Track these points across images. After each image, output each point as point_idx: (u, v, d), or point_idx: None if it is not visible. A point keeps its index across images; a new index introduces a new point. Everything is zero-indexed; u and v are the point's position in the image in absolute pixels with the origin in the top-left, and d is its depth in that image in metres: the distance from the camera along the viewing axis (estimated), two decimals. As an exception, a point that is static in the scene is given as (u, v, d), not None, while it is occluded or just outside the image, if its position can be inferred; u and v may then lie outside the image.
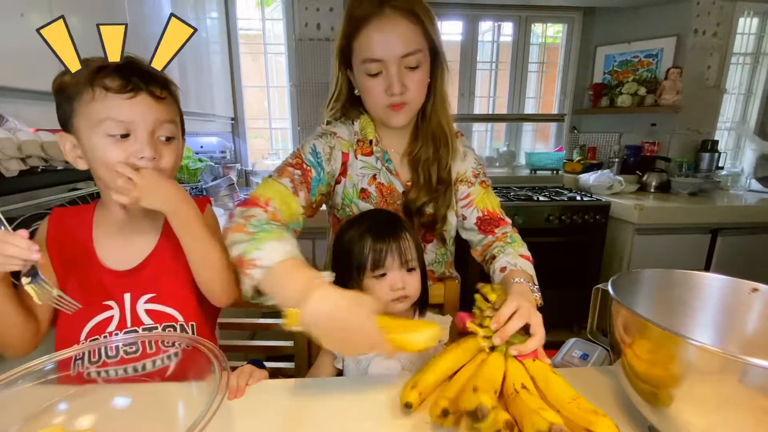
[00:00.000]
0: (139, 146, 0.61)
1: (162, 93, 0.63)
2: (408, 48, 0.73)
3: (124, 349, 0.63)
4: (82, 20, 1.02)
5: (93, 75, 0.58)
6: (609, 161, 2.63)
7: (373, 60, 0.74)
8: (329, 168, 0.84)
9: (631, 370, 0.51)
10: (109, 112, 0.59)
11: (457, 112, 2.69)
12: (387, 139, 0.89)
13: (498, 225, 0.91)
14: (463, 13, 2.56)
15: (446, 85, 0.84)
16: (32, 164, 0.88)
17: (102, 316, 0.67)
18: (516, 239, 0.88)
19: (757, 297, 0.57)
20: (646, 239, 2.09)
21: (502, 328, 0.60)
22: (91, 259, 0.68)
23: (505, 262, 0.80)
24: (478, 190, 0.90)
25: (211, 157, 2.21)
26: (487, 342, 0.61)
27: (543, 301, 0.74)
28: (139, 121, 0.60)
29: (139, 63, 0.62)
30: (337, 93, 0.87)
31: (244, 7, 2.34)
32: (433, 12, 0.77)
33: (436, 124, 0.85)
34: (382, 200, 0.89)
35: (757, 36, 2.55)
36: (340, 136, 0.86)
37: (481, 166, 0.94)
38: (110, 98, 0.59)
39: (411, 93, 0.77)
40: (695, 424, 0.45)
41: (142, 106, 0.60)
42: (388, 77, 0.74)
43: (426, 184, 0.86)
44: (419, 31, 0.74)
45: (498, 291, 0.65)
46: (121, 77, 0.59)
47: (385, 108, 0.78)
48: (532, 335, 0.61)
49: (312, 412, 0.60)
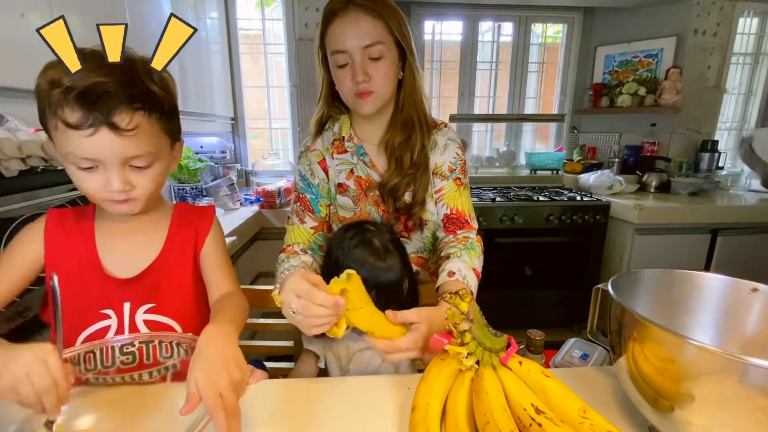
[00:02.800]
0: (108, 177, 0.57)
1: (130, 123, 0.55)
2: (369, 39, 0.79)
3: (121, 359, 0.61)
4: (82, 20, 1.02)
5: (56, 101, 0.53)
6: (609, 161, 2.63)
7: (339, 51, 0.81)
8: (317, 181, 0.94)
9: (631, 370, 0.51)
10: (69, 147, 0.54)
11: (457, 112, 2.69)
12: (363, 132, 0.93)
13: (462, 227, 0.90)
14: (463, 13, 2.56)
15: (418, 77, 0.90)
16: (32, 164, 0.88)
17: (99, 324, 0.64)
18: (475, 248, 0.86)
19: (757, 297, 0.57)
20: (646, 239, 2.09)
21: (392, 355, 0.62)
22: (94, 265, 0.65)
23: (456, 268, 0.79)
24: (450, 186, 0.91)
25: (211, 157, 2.21)
26: (472, 359, 0.56)
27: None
28: (103, 157, 0.55)
29: (108, 84, 0.53)
30: (322, 91, 0.92)
31: (244, 7, 2.34)
32: (400, 13, 0.84)
33: (407, 113, 0.89)
34: (360, 192, 0.92)
35: (757, 36, 2.55)
36: (314, 149, 0.95)
37: (462, 163, 0.93)
38: (70, 133, 0.53)
39: (375, 82, 0.82)
40: (695, 424, 0.45)
41: (103, 144, 0.54)
42: (353, 67, 0.81)
43: (397, 167, 0.88)
44: (381, 25, 0.80)
45: (467, 297, 0.58)
46: (82, 108, 0.52)
47: (353, 97, 0.84)
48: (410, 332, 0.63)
49: (312, 412, 0.60)
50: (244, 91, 2.41)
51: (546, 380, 0.53)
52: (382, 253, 0.75)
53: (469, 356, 0.56)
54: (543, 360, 0.79)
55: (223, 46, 2.21)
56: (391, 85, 0.85)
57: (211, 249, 0.72)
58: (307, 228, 0.92)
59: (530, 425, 0.48)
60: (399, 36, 0.83)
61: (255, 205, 1.97)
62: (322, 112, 0.95)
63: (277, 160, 2.46)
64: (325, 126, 0.96)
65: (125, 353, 0.62)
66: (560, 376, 0.54)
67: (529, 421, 0.48)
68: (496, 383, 0.53)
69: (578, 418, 0.48)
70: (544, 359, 0.80)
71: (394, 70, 0.85)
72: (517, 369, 0.55)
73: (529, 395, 0.51)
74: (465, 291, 0.57)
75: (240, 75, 2.37)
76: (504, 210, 2.11)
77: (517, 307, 2.25)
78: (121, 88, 0.54)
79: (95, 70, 0.53)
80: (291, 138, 2.54)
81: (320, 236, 0.94)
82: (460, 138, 0.96)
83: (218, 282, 0.71)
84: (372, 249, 0.75)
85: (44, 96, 0.54)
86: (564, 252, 2.21)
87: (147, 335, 0.65)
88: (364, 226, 0.81)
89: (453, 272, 0.78)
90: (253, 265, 1.84)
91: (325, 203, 0.95)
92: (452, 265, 0.80)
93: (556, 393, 0.52)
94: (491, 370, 0.55)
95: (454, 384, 0.57)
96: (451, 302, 0.57)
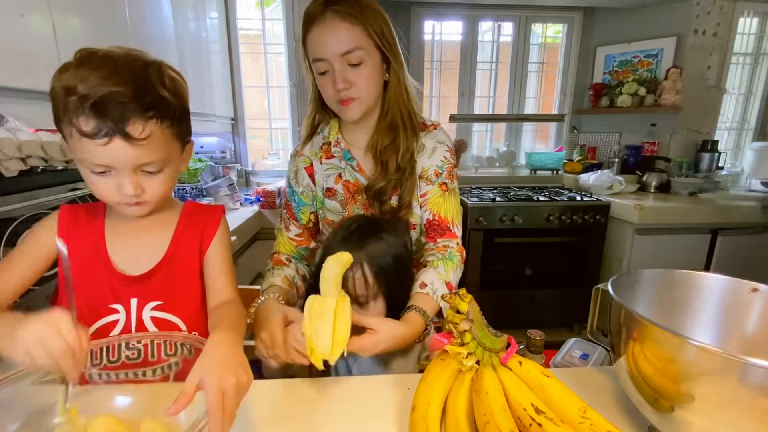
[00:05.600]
0: (120, 182, 0.59)
1: (143, 132, 0.56)
2: (347, 46, 0.77)
3: (126, 354, 0.62)
4: (82, 20, 1.03)
5: (71, 109, 0.54)
6: (609, 161, 2.63)
7: (319, 59, 0.80)
8: (300, 189, 0.95)
9: (631, 370, 0.51)
10: (83, 154, 0.56)
11: (457, 112, 2.69)
12: (351, 136, 0.93)
13: (444, 234, 0.89)
14: (463, 13, 2.56)
15: (404, 78, 0.87)
16: (32, 164, 0.89)
17: (108, 318, 0.66)
18: (454, 258, 0.86)
19: (757, 297, 0.57)
20: (646, 239, 2.09)
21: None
22: (103, 260, 0.67)
23: (429, 281, 0.79)
24: (435, 191, 0.89)
25: (211, 157, 2.21)
26: (472, 359, 0.56)
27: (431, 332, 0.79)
28: (116, 164, 0.57)
29: (122, 93, 0.54)
30: (312, 93, 0.92)
31: (244, 7, 2.34)
32: (382, 15, 0.81)
33: (392, 116, 0.88)
34: (348, 196, 0.92)
35: (757, 36, 2.55)
36: (302, 154, 0.95)
37: (450, 167, 0.91)
38: (84, 142, 0.55)
39: (357, 88, 0.81)
40: (695, 424, 0.45)
41: (117, 152, 0.56)
42: (333, 74, 0.80)
43: (383, 171, 0.88)
44: (359, 30, 0.78)
45: (466, 297, 0.58)
46: (96, 117, 0.53)
47: (336, 104, 0.84)
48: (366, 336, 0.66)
49: (312, 412, 0.60)
50: (244, 91, 2.41)
51: (546, 380, 0.53)
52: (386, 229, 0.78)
53: (469, 356, 0.56)
54: (543, 360, 0.79)
55: (223, 46, 2.21)
56: (375, 90, 0.84)
57: (216, 252, 0.72)
58: (291, 236, 0.96)
59: (530, 425, 0.48)
60: (380, 39, 0.80)
61: (255, 205, 1.97)
62: (313, 116, 0.95)
63: (277, 160, 2.46)
64: (318, 129, 0.95)
65: (130, 348, 0.63)
66: (560, 376, 0.54)
67: (529, 421, 0.48)
68: (496, 383, 0.53)
69: (578, 418, 0.48)
70: (544, 359, 0.79)
71: (377, 74, 0.83)
72: (517, 369, 0.55)
73: (529, 395, 0.51)
74: (465, 291, 0.57)
75: (240, 75, 2.37)
76: (504, 210, 2.11)
77: (517, 307, 2.25)
78: (134, 98, 0.55)
79: (109, 77, 0.54)
80: (291, 138, 2.54)
81: (303, 249, 0.97)
82: (451, 140, 0.95)
83: (219, 288, 0.71)
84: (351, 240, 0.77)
85: (59, 102, 0.55)
86: (564, 252, 2.21)
87: (152, 334, 0.66)
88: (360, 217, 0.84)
89: (425, 284, 0.79)
90: (253, 265, 1.84)
91: (308, 211, 0.96)
92: (426, 276, 0.80)
93: (556, 393, 0.52)
94: (491, 370, 0.55)
95: (454, 384, 0.57)
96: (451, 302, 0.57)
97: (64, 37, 0.96)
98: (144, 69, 0.57)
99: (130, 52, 0.59)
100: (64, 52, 0.95)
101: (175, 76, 0.62)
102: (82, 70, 0.54)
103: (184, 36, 1.67)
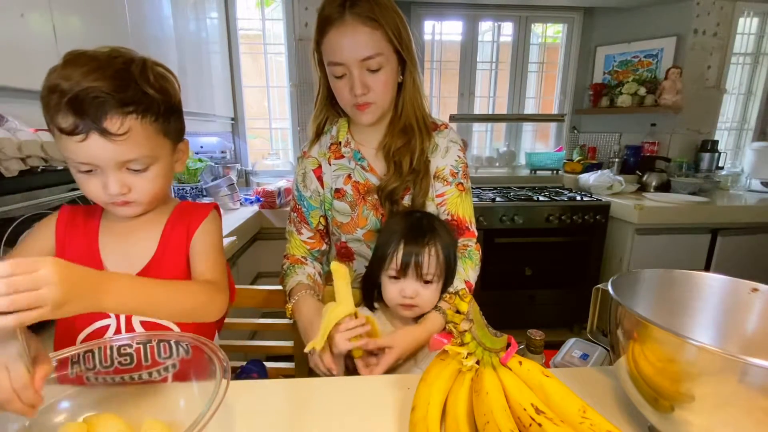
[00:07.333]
0: (105, 180, 0.58)
1: (121, 127, 0.54)
2: (368, 52, 0.76)
3: (119, 360, 0.61)
4: (82, 20, 1.03)
5: (52, 107, 0.53)
6: (609, 161, 2.63)
7: (336, 63, 0.78)
8: (308, 193, 0.94)
9: (631, 370, 0.51)
10: (67, 152, 0.56)
11: (457, 112, 2.69)
12: (361, 136, 0.92)
13: (463, 234, 0.90)
14: (463, 13, 2.56)
15: (418, 82, 0.88)
16: (32, 164, 0.88)
17: (100, 323, 0.65)
18: (473, 257, 0.87)
19: (757, 297, 0.57)
20: (646, 239, 2.09)
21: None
22: (95, 262, 0.66)
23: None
24: (453, 192, 0.90)
25: (211, 157, 2.21)
26: (472, 359, 0.57)
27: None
28: (98, 162, 0.56)
29: (99, 89, 0.53)
30: (320, 93, 0.91)
31: (244, 7, 2.34)
32: (400, 15, 0.80)
33: (406, 118, 0.88)
34: (358, 197, 0.91)
35: (757, 36, 2.55)
36: (310, 155, 0.94)
37: (464, 166, 0.92)
38: (65, 139, 0.54)
39: (375, 93, 0.80)
40: (695, 424, 0.45)
41: (96, 149, 0.55)
42: (351, 79, 0.78)
43: (396, 172, 0.87)
44: (379, 35, 0.77)
45: (467, 297, 0.60)
46: (73, 114, 0.53)
47: (352, 108, 0.83)
48: (385, 353, 0.73)
49: (312, 412, 0.60)
50: (244, 91, 2.41)
51: (546, 380, 0.53)
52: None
53: (469, 356, 0.56)
54: (543, 360, 0.79)
55: (223, 46, 2.21)
56: (390, 94, 0.84)
57: (198, 239, 0.69)
58: (304, 239, 0.96)
59: (530, 425, 0.48)
60: (398, 43, 0.79)
61: (255, 205, 1.97)
62: (323, 116, 0.93)
63: (277, 160, 2.46)
64: (324, 129, 0.95)
65: (122, 354, 0.62)
66: (560, 376, 0.54)
67: (529, 421, 0.48)
68: (496, 383, 0.53)
69: (578, 418, 0.48)
70: (544, 359, 0.79)
71: (394, 78, 0.83)
72: (517, 369, 0.55)
73: (529, 395, 0.51)
74: (465, 291, 0.57)
75: (240, 75, 2.37)
76: (504, 210, 2.11)
77: (517, 307, 2.25)
78: (112, 93, 0.54)
79: (89, 74, 0.53)
80: (291, 138, 2.54)
81: (316, 252, 0.98)
82: (461, 139, 0.96)
83: (202, 271, 0.67)
84: (423, 221, 0.81)
85: (44, 101, 0.55)
86: (564, 252, 2.21)
87: (145, 335, 0.65)
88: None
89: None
90: (253, 265, 1.84)
91: (317, 214, 0.95)
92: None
93: (556, 393, 0.52)
94: (491, 370, 0.55)
95: (454, 384, 0.57)
96: (451, 302, 0.57)
97: (64, 37, 0.96)
98: (126, 64, 0.56)
99: (116, 50, 0.58)
100: (64, 52, 0.95)
101: (162, 72, 0.61)
102: (67, 70, 0.54)
103: (184, 36, 1.67)
